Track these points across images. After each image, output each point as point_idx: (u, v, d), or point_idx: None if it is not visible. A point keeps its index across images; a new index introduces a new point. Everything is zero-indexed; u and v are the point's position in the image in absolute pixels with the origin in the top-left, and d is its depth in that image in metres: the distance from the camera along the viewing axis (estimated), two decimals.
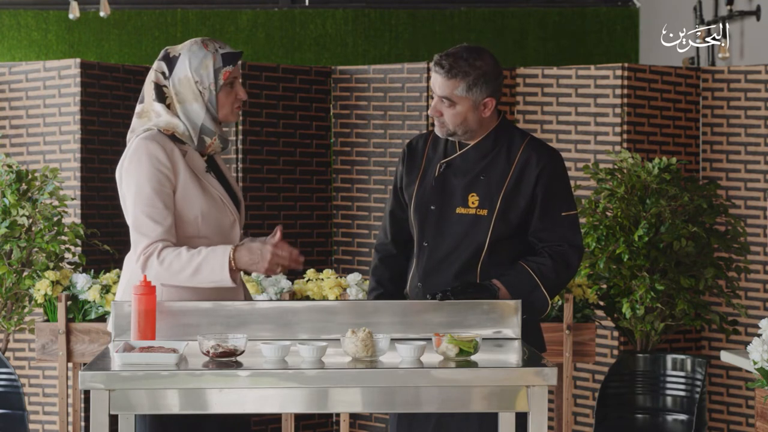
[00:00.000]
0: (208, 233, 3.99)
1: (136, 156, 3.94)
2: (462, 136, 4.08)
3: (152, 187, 3.91)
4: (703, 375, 5.61)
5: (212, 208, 3.99)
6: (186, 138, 4.00)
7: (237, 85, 4.04)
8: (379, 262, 4.29)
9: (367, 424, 6.59)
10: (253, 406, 3.46)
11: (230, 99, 4.04)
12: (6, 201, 5.74)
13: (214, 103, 4.01)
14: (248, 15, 9.53)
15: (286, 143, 6.62)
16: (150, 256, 3.90)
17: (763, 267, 6.29)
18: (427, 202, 4.12)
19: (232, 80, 4.02)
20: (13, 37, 9.36)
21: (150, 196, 3.91)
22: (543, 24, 9.56)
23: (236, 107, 4.06)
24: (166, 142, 3.97)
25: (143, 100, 4.05)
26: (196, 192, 3.97)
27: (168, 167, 3.94)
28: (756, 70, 6.35)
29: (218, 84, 3.99)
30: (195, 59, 3.99)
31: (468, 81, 3.99)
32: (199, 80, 4.00)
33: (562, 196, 4.10)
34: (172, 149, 3.97)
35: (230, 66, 4.00)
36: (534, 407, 3.44)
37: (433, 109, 4.06)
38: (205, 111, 4.01)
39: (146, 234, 3.91)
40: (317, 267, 6.33)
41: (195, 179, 3.98)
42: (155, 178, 3.92)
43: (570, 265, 4.07)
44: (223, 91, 4.02)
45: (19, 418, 5.56)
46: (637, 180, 5.83)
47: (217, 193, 4.01)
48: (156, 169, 3.92)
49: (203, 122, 4.01)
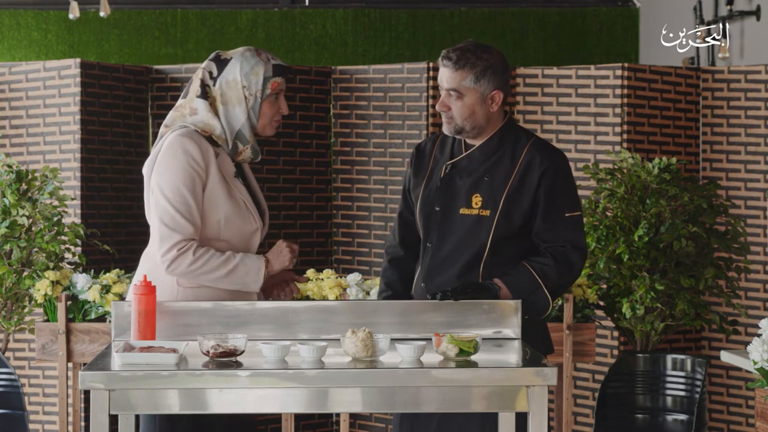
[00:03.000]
0: (229, 237, 4.01)
1: (171, 150, 3.95)
2: (470, 132, 4.09)
3: (185, 185, 3.93)
4: (703, 375, 5.61)
5: (236, 214, 4.02)
6: (221, 141, 4.04)
7: (281, 99, 4.10)
8: (389, 264, 4.30)
9: (367, 424, 6.59)
10: (253, 406, 3.46)
11: (273, 110, 4.09)
12: (6, 201, 5.74)
13: (256, 111, 4.06)
14: (248, 15, 9.53)
15: (286, 143, 6.62)
16: (185, 251, 3.91)
17: (763, 267, 6.29)
18: (432, 203, 4.13)
19: (278, 92, 4.07)
20: (13, 37, 9.36)
21: (183, 193, 3.93)
22: (543, 24, 9.56)
23: (276, 120, 4.10)
24: (202, 141, 4.00)
25: (186, 95, 4.09)
26: (222, 195, 3.99)
27: (201, 166, 3.96)
28: (756, 70, 6.35)
29: (265, 92, 4.05)
30: (246, 64, 4.04)
31: (476, 72, 4.02)
32: (247, 85, 4.04)
33: (566, 196, 4.10)
34: (207, 149, 4.00)
35: (279, 77, 4.06)
36: (534, 407, 3.44)
37: (440, 104, 4.08)
38: (246, 117, 4.05)
39: (178, 230, 3.92)
40: (317, 267, 6.33)
41: (223, 182, 4.01)
42: (189, 176, 3.94)
43: (573, 265, 4.08)
44: (267, 100, 4.06)
45: (19, 418, 5.56)
46: (637, 180, 5.83)
47: (242, 199, 4.04)
48: (190, 167, 3.94)
49: (241, 128, 4.05)
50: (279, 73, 4.07)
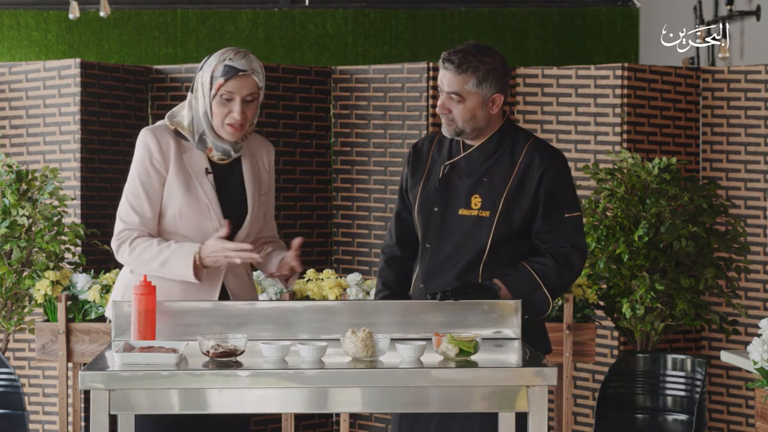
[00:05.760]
0: (188, 233, 4.05)
1: (136, 146, 4.09)
2: (470, 134, 4.08)
3: (140, 177, 4.05)
4: (703, 375, 5.61)
5: (192, 210, 4.02)
6: (188, 134, 4.03)
7: (235, 104, 4.00)
8: (385, 264, 4.29)
9: (367, 424, 6.59)
10: (253, 406, 3.46)
11: (222, 112, 4.01)
12: (6, 201, 5.74)
13: (208, 110, 4.03)
14: (248, 15, 9.53)
15: (286, 143, 6.62)
16: (123, 242, 4.03)
17: (763, 267, 6.29)
18: (431, 204, 4.12)
19: (230, 96, 3.99)
20: (13, 37, 9.36)
21: (136, 185, 4.05)
22: (543, 24, 9.56)
23: (228, 123, 4.01)
24: (165, 136, 4.05)
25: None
26: (179, 190, 4.03)
27: (159, 161, 4.03)
28: (756, 70, 6.35)
29: (211, 92, 4.00)
30: (209, 60, 4.03)
31: (478, 75, 4.01)
32: (203, 82, 4.03)
33: (566, 197, 4.10)
34: (169, 144, 4.05)
35: (223, 79, 3.98)
36: (534, 407, 3.44)
37: (441, 107, 4.06)
38: (203, 113, 4.03)
39: (124, 220, 4.05)
40: (317, 267, 6.33)
41: (184, 178, 4.02)
42: (144, 170, 4.04)
43: (573, 266, 4.07)
44: (216, 101, 4.01)
45: (19, 418, 5.56)
46: (637, 180, 5.83)
47: (204, 197, 4.02)
48: (147, 160, 4.04)
49: (202, 124, 4.04)
50: (226, 74, 3.97)
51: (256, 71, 4.02)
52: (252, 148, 4.19)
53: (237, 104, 4.00)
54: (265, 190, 4.22)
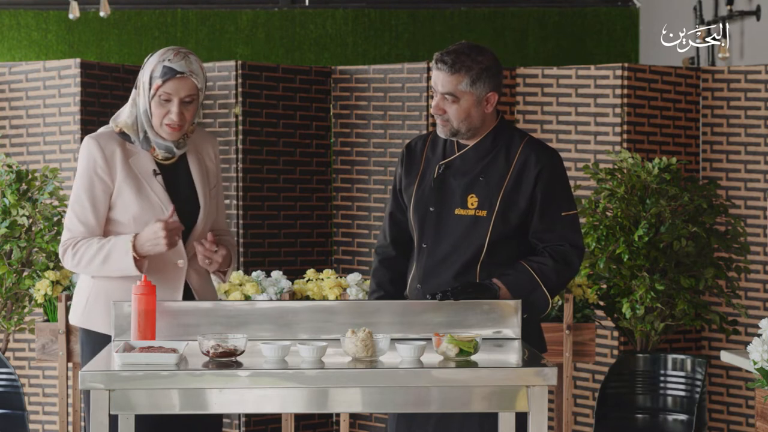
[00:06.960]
0: None
1: (80, 155, 4.06)
2: (465, 134, 4.08)
3: (83, 186, 4.02)
4: (703, 375, 5.61)
5: (145, 213, 4.01)
6: (132, 133, 4.01)
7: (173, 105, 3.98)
8: (379, 264, 4.28)
9: (367, 424, 6.59)
10: (253, 406, 3.46)
11: (160, 112, 4.00)
12: (6, 201, 5.74)
13: (148, 110, 4.01)
14: (248, 15, 9.53)
15: (286, 143, 6.62)
16: (67, 249, 4.01)
17: (763, 267, 6.29)
18: (426, 204, 4.12)
19: (168, 97, 3.97)
20: (13, 37, 9.37)
21: (80, 194, 4.02)
22: (543, 24, 9.56)
23: (167, 124, 4.00)
24: (109, 142, 4.03)
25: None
26: (131, 195, 4.02)
27: (103, 169, 4.01)
28: (756, 70, 6.35)
29: (150, 93, 3.99)
30: (150, 60, 4.01)
31: (472, 75, 4.00)
32: (143, 81, 4.01)
33: (562, 195, 4.10)
34: (113, 151, 4.02)
35: (161, 80, 3.95)
36: (534, 407, 3.44)
37: (435, 108, 4.06)
38: (143, 112, 4.02)
39: (69, 229, 4.03)
40: (317, 267, 6.33)
41: (134, 182, 4.01)
42: (88, 178, 4.01)
43: (571, 264, 4.08)
44: (154, 101, 3.99)
45: (19, 418, 5.56)
46: (637, 180, 5.83)
47: (156, 199, 4.01)
48: (91, 169, 4.01)
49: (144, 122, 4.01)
50: (164, 75, 3.95)
51: (195, 73, 3.98)
52: (196, 143, 4.16)
53: (175, 105, 3.98)
54: (214, 184, 4.18)
